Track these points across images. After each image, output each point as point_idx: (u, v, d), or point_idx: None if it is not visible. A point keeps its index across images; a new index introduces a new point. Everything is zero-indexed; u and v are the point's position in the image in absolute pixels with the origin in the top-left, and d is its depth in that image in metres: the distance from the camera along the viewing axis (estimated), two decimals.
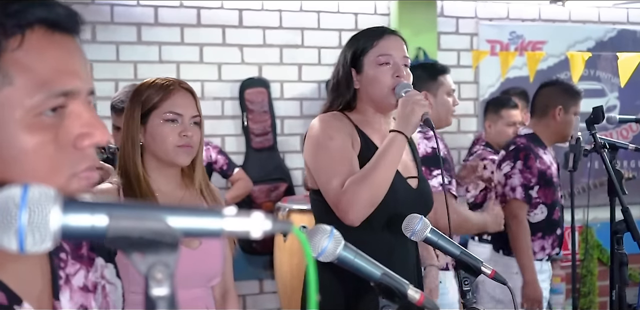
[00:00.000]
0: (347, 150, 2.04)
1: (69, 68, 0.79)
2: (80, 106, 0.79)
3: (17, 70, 0.76)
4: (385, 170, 1.97)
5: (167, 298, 0.62)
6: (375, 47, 2.12)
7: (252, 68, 4.85)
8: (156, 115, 1.91)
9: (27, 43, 0.76)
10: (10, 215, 0.60)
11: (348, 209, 1.95)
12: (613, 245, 2.61)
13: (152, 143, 1.91)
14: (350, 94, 2.14)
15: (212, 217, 0.66)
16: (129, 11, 4.62)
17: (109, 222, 0.62)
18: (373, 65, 2.11)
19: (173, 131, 1.90)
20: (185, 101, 1.95)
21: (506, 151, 3.43)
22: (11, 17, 0.75)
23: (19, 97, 0.75)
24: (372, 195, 1.96)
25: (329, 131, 2.05)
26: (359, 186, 1.94)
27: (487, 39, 5.36)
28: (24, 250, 0.61)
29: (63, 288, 0.90)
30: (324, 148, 2.04)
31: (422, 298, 1.25)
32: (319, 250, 1.17)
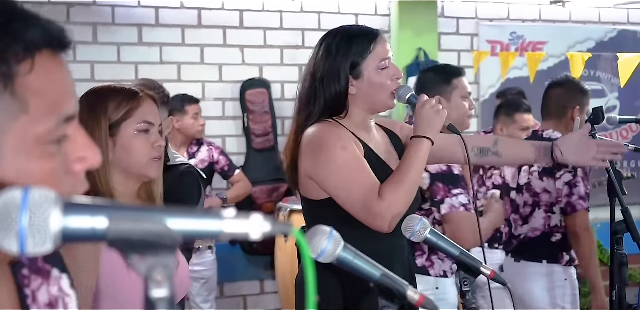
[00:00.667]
0: (362, 159, 2.02)
1: (69, 90, 0.77)
2: (75, 130, 0.77)
3: (31, 96, 0.73)
4: (416, 175, 2.00)
5: (166, 300, 0.63)
6: (374, 51, 2.08)
7: (253, 69, 4.86)
8: (127, 126, 1.71)
9: (37, 66, 0.74)
10: (11, 217, 0.61)
11: (387, 215, 1.94)
12: (613, 245, 2.61)
13: (124, 157, 1.71)
14: (343, 100, 2.08)
15: (211, 219, 0.66)
16: (130, 12, 4.63)
17: (109, 224, 0.63)
18: (375, 71, 2.07)
19: (147, 142, 1.72)
20: (154, 109, 1.76)
21: None
22: (18, 41, 0.73)
23: (33, 124, 0.73)
24: (408, 200, 1.98)
25: (338, 142, 2.01)
26: (397, 192, 1.95)
27: (487, 39, 5.37)
28: (24, 252, 0.62)
29: (32, 307, 0.85)
30: (339, 159, 1.99)
31: (421, 299, 1.25)
32: (319, 251, 1.18)
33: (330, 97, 2.07)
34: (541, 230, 3.28)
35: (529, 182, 3.32)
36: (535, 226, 3.29)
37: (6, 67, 0.71)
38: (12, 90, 0.71)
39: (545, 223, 3.27)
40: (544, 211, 3.27)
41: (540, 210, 3.28)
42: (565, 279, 3.26)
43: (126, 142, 1.71)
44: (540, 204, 3.27)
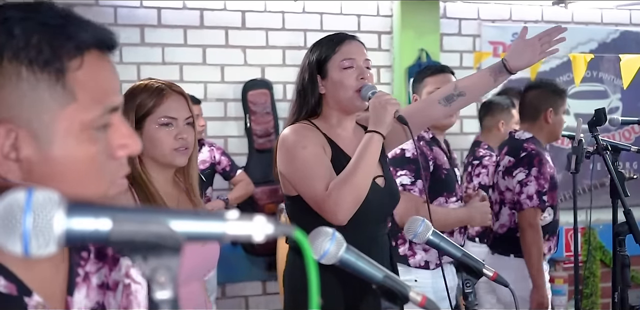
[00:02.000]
0: (321, 156, 2.14)
1: (115, 86, 0.89)
2: (119, 120, 0.88)
3: (79, 89, 0.84)
4: (365, 169, 2.07)
5: (169, 301, 0.63)
6: (338, 52, 2.21)
7: (254, 69, 4.86)
8: (151, 120, 1.93)
9: (85, 64, 0.85)
10: (15, 219, 0.61)
11: (335, 210, 2.05)
12: (615, 247, 2.61)
13: (149, 147, 1.92)
14: (316, 100, 2.23)
15: (214, 221, 0.67)
16: (132, 13, 4.63)
17: (112, 226, 0.63)
18: (337, 69, 2.20)
19: (169, 135, 1.93)
20: (179, 104, 1.96)
21: (516, 157, 3.35)
22: (71, 40, 0.84)
23: (80, 112, 0.84)
24: (356, 195, 2.06)
25: (302, 141, 2.15)
26: (342, 188, 2.04)
27: (489, 40, 5.37)
28: (28, 253, 0.62)
29: (80, 285, 0.93)
30: (300, 157, 2.14)
31: (423, 300, 1.25)
32: (321, 253, 1.18)
33: (305, 99, 2.23)
34: (507, 227, 3.43)
35: (497, 181, 3.48)
36: (503, 222, 3.44)
37: (59, 63, 0.83)
38: (63, 83, 0.83)
39: (511, 219, 3.41)
40: (508, 208, 3.41)
41: (505, 207, 3.42)
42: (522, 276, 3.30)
43: (150, 135, 1.92)
44: (505, 202, 3.42)
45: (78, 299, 0.91)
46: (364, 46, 2.30)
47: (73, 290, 0.91)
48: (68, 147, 0.83)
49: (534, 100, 3.43)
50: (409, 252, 2.89)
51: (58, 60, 0.83)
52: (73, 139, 0.83)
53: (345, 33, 2.34)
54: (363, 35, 5.11)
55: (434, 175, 2.87)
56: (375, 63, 5.15)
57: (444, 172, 2.91)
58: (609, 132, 5.46)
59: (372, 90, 2.17)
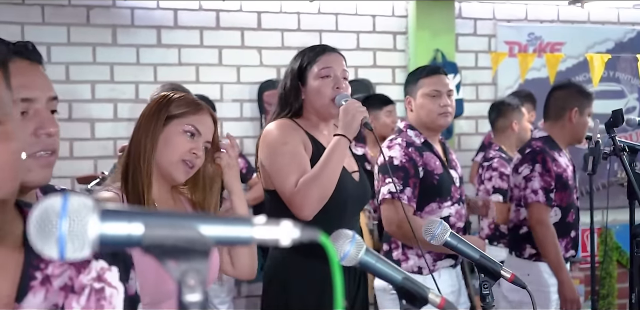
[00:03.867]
0: (299, 153, 2.30)
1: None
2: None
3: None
4: (332, 170, 2.24)
5: (199, 303, 0.65)
6: (318, 62, 2.38)
7: (270, 70, 4.88)
8: (178, 122, 1.86)
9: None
10: (51, 224, 0.63)
11: (302, 205, 2.22)
12: (633, 248, 2.60)
13: (161, 148, 1.84)
14: (298, 104, 2.40)
15: (242, 226, 0.68)
16: (149, 14, 4.67)
17: (144, 231, 0.65)
18: (316, 78, 2.37)
19: (186, 145, 1.85)
20: (209, 124, 1.92)
21: (522, 154, 3.39)
22: None
23: None
24: (322, 193, 2.22)
25: (283, 137, 2.31)
26: (309, 185, 2.21)
27: (505, 40, 5.36)
28: (63, 257, 0.64)
29: (36, 288, 0.90)
30: (279, 152, 2.30)
31: (442, 302, 1.26)
32: (341, 255, 1.19)
33: (288, 103, 2.40)
34: (513, 223, 3.44)
35: (508, 178, 3.54)
36: (510, 218, 3.47)
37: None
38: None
39: (516, 216, 3.42)
40: (515, 205, 3.42)
41: (512, 203, 3.44)
42: (527, 274, 3.27)
43: (169, 136, 1.85)
44: (512, 198, 3.44)
45: (31, 304, 0.89)
46: (344, 59, 2.47)
47: (23, 296, 0.88)
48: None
49: (560, 99, 3.42)
50: (402, 257, 2.88)
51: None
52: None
53: (327, 45, 2.53)
54: (378, 35, 5.15)
55: (424, 181, 2.84)
56: (391, 63, 5.18)
57: (436, 178, 2.87)
58: (626, 132, 5.44)
59: (345, 98, 2.32)
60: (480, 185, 4.13)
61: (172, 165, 1.84)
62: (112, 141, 4.51)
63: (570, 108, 3.36)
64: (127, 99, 4.57)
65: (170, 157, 1.84)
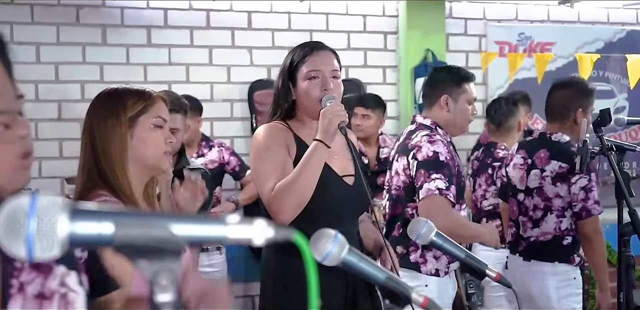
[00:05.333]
0: (280, 159, 2.29)
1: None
2: None
3: None
4: (307, 176, 2.20)
5: (171, 304, 0.64)
6: (306, 62, 2.35)
7: (261, 70, 4.87)
8: (145, 120, 1.84)
9: None
10: (19, 223, 0.62)
11: (278, 211, 2.21)
12: (620, 247, 2.61)
13: (140, 148, 1.83)
14: (289, 104, 2.39)
15: (215, 225, 0.68)
16: (139, 14, 4.65)
17: (115, 230, 0.64)
18: (304, 79, 2.35)
19: (161, 137, 1.86)
20: (165, 108, 1.91)
21: (570, 163, 3.13)
22: None
23: None
24: (297, 198, 2.20)
25: (267, 142, 2.32)
26: (285, 191, 2.19)
27: (495, 40, 5.37)
28: (32, 257, 0.63)
29: (15, 296, 0.90)
30: (261, 157, 2.31)
31: (425, 301, 1.26)
32: (324, 255, 1.19)
33: (280, 102, 2.40)
34: (552, 234, 3.25)
35: (541, 187, 3.27)
36: (547, 230, 3.25)
37: None
38: None
39: (557, 227, 3.24)
40: (555, 216, 3.23)
41: (552, 214, 3.23)
42: (574, 277, 3.26)
43: (143, 135, 1.84)
44: (552, 209, 3.23)
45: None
46: (335, 55, 2.42)
47: (7, 303, 0.89)
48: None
49: (563, 100, 3.31)
50: (420, 260, 2.86)
51: None
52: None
53: (316, 42, 2.48)
54: (369, 35, 5.15)
55: (459, 183, 2.85)
56: (381, 63, 5.18)
57: (462, 180, 2.92)
58: (615, 132, 5.46)
59: (330, 100, 2.29)
60: (491, 187, 4.05)
61: (158, 159, 1.87)
62: None
63: (575, 109, 3.25)
64: None
65: (154, 153, 1.85)
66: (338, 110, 2.23)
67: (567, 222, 3.23)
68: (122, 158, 1.81)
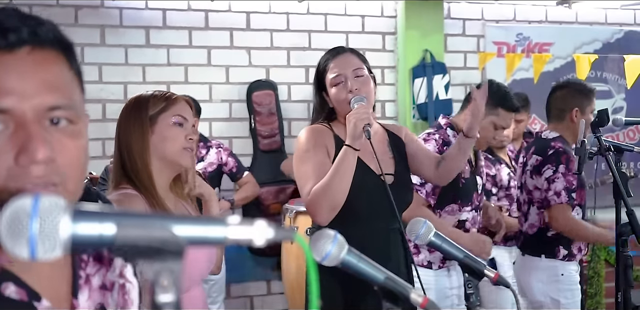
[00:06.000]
0: (319, 160, 2.34)
1: (9, 87, 0.81)
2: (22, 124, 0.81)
3: None
4: (339, 180, 2.25)
5: (172, 304, 0.65)
6: (329, 69, 2.42)
7: (259, 70, 4.87)
8: (165, 117, 1.98)
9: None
10: (21, 224, 0.63)
11: (314, 213, 2.30)
12: (618, 247, 2.62)
13: (160, 145, 1.96)
14: (327, 109, 2.47)
15: (216, 226, 0.68)
16: (138, 14, 4.65)
17: (116, 231, 0.65)
18: (331, 86, 2.42)
19: (181, 133, 1.99)
20: (188, 109, 2.05)
21: (544, 156, 3.32)
22: None
23: None
24: (330, 202, 2.25)
25: (307, 144, 2.38)
26: (318, 195, 2.25)
27: (493, 40, 5.37)
28: (34, 258, 0.63)
29: (82, 287, 0.94)
30: (301, 159, 2.37)
31: (425, 301, 1.26)
32: (323, 255, 1.19)
33: (318, 110, 2.50)
34: (537, 226, 3.38)
35: (524, 181, 3.43)
36: (532, 222, 3.39)
37: None
38: None
39: (540, 219, 3.37)
40: (537, 208, 3.37)
41: (534, 207, 3.38)
42: (562, 273, 3.30)
43: (163, 132, 1.97)
44: (533, 201, 3.38)
45: (82, 302, 0.93)
46: (356, 54, 2.48)
47: (77, 293, 0.93)
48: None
49: (559, 100, 3.42)
50: (414, 250, 2.94)
51: None
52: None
53: (339, 47, 2.53)
54: (367, 36, 5.16)
55: (451, 182, 2.87)
56: (380, 64, 5.18)
57: (462, 181, 2.94)
58: (613, 132, 5.47)
59: (358, 102, 2.33)
60: None
61: (177, 155, 1.97)
62: (100, 141, 4.49)
63: (571, 108, 3.35)
64: (115, 100, 4.56)
65: (173, 149, 1.97)
66: (361, 113, 2.25)
67: None
68: (144, 154, 1.94)
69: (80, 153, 0.85)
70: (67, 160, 0.82)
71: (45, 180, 0.80)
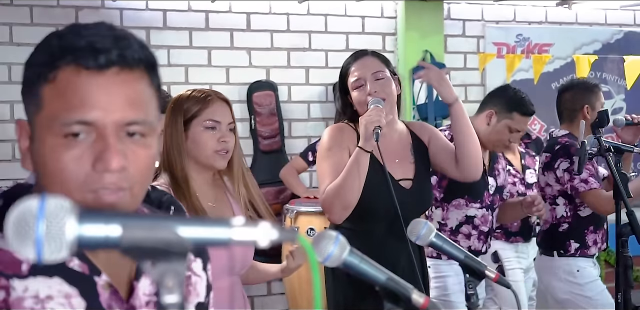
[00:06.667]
0: (339, 159, 2.38)
1: (88, 101, 0.91)
2: (102, 135, 0.90)
3: (48, 99, 0.92)
4: (351, 181, 2.29)
5: (177, 305, 0.65)
6: (350, 73, 2.48)
7: (259, 71, 4.88)
8: (197, 123, 2.09)
9: (59, 78, 0.91)
10: (28, 225, 0.63)
11: (327, 211, 2.37)
12: (618, 248, 2.62)
13: (193, 148, 2.08)
14: (351, 111, 2.51)
15: (220, 227, 0.69)
16: (138, 15, 4.66)
17: (122, 233, 0.65)
18: (352, 89, 2.47)
19: (212, 137, 2.08)
20: (222, 110, 2.13)
21: (552, 152, 3.36)
22: (54, 55, 0.91)
23: (47, 120, 0.91)
24: (342, 202, 2.31)
25: (330, 142, 2.43)
26: (331, 194, 2.32)
27: (493, 41, 5.38)
28: (41, 259, 0.64)
29: (146, 274, 0.99)
30: (323, 157, 2.43)
31: (426, 302, 1.27)
32: (325, 256, 1.20)
33: (339, 107, 2.55)
34: (550, 223, 3.42)
35: (537, 179, 3.50)
36: (545, 218, 3.44)
37: (38, 74, 0.92)
38: (36, 92, 0.92)
39: (552, 215, 3.40)
40: (549, 204, 3.40)
41: (546, 203, 3.39)
42: (577, 270, 3.34)
43: (195, 136, 2.09)
44: (545, 198, 3.40)
45: (143, 285, 0.98)
46: (377, 57, 2.51)
47: (140, 276, 0.98)
48: (42, 149, 0.91)
49: (569, 102, 3.46)
50: None
51: (39, 72, 0.92)
52: (46, 143, 0.91)
53: (361, 50, 2.57)
54: (367, 36, 5.16)
55: None
56: None
57: None
58: (613, 133, 5.47)
59: (374, 104, 2.38)
60: None
61: (209, 158, 2.09)
62: None
63: (581, 107, 3.40)
64: None
65: (205, 153, 2.08)
66: (373, 116, 2.30)
67: (561, 209, 3.38)
68: (181, 157, 2.07)
69: (150, 162, 0.95)
70: (138, 168, 0.92)
71: (117, 186, 0.90)
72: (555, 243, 3.40)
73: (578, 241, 3.34)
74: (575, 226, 3.34)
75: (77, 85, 0.90)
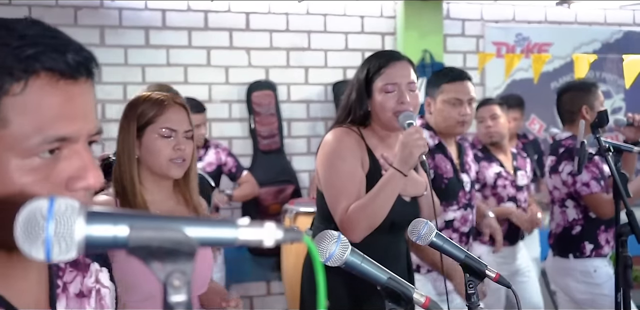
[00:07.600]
0: (356, 173, 2.24)
1: (67, 114, 0.81)
2: (77, 150, 0.82)
3: (15, 115, 0.79)
4: (381, 203, 2.17)
5: (184, 304, 0.66)
6: (383, 74, 2.29)
7: (259, 71, 4.89)
8: (151, 130, 1.95)
9: (29, 89, 0.79)
10: (37, 226, 0.64)
11: (350, 231, 2.16)
12: (618, 248, 2.62)
13: (147, 156, 1.96)
14: (363, 112, 2.32)
15: (227, 227, 0.69)
16: (137, 15, 4.66)
17: (130, 233, 0.66)
18: (380, 92, 2.29)
19: (167, 145, 1.95)
20: (179, 116, 1.99)
21: (556, 155, 3.38)
22: (21, 62, 0.78)
23: (13, 139, 0.79)
24: (369, 223, 2.19)
25: (342, 151, 2.25)
26: (359, 214, 2.17)
27: (493, 41, 5.39)
28: (50, 259, 0.64)
29: (60, 296, 0.94)
30: (336, 168, 2.24)
31: (427, 301, 1.27)
32: (327, 255, 1.21)
33: (352, 111, 2.33)
34: (562, 226, 3.43)
35: (547, 183, 3.50)
36: (557, 222, 3.46)
37: None
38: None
39: (564, 218, 3.41)
40: (558, 206, 3.42)
41: (555, 206, 3.44)
42: (594, 270, 3.37)
43: (150, 144, 1.95)
44: (554, 201, 3.43)
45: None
46: (412, 66, 2.36)
47: (55, 303, 0.93)
48: (8, 168, 0.79)
49: (567, 104, 3.48)
50: None
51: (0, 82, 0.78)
52: (7, 166, 0.79)
53: (395, 52, 2.43)
54: (367, 36, 5.17)
55: (433, 184, 2.86)
56: None
57: (445, 182, 2.93)
58: (612, 133, 5.48)
59: (409, 120, 2.21)
60: None
61: (163, 167, 1.96)
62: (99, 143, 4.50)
63: (579, 108, 3.41)
64: (115, 100, 4.57)
65: (159, 161, 1.96)
66: (417, 140, 2.14)
67: (572, 212, 3.38)
68: (130, 166, 1.93)
69: None
70: None
71: None
72: (570, 245, 3.41)
73: (592, 242, 3.37)
74: (588, 228, 3.37)
75: (53, 97, 0.79)
